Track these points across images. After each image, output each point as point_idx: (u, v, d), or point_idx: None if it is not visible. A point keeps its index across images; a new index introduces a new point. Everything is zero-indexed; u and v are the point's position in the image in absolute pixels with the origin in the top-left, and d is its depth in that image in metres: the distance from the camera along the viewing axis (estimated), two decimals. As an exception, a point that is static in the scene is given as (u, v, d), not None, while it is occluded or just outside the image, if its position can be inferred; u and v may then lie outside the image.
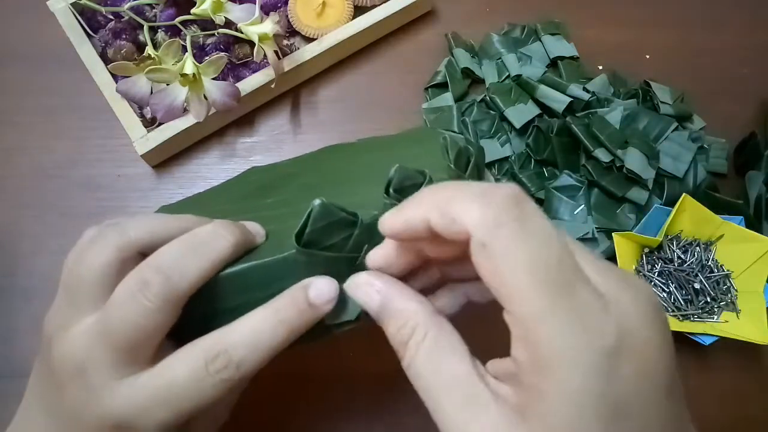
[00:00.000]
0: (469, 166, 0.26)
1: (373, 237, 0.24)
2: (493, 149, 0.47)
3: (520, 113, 0.47)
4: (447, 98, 0.48)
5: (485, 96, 0.48)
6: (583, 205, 0.44)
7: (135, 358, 0.23)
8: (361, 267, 0.24)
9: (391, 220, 0.21)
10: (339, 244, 0.24)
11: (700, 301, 0.41)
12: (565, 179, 0.45)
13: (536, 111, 0.47)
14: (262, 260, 0.25)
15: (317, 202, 0.23)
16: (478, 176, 0.28)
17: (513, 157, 0.47)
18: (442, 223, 0.18)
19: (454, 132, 0.46)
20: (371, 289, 0.22)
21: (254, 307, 0.24)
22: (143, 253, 0.24)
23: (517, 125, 0.46)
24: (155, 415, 0.22)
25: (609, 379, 0.16)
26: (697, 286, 0.41)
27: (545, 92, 0.46)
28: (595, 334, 0.16)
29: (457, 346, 0.20)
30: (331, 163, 0.38)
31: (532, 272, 0.17)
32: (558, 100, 0.46)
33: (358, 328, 0.25)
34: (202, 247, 0.24)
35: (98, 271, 0.23)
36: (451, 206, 0.18)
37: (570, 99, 0.46)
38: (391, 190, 0.24)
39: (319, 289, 0.24)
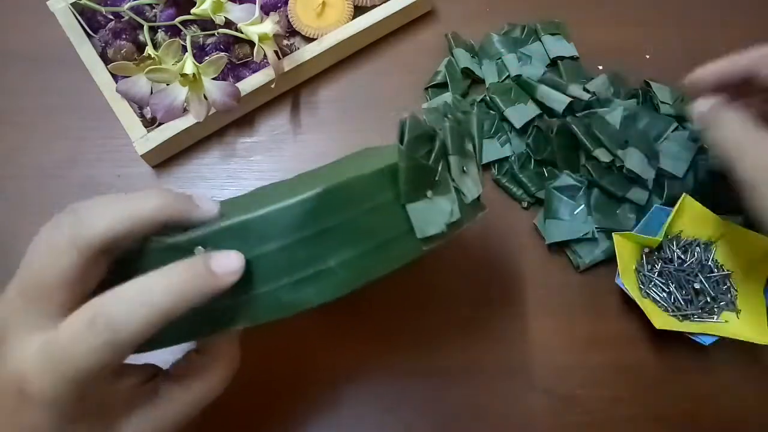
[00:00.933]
0: (434, 151, 0.27)
1: (388, 185, 0.25)
2: (493, 149, 0.47)
3: (520, 113, 0.47)
4: (447, 98, 0.48)
5: (485, 96, 0.48)
6: (583, 205, 0.44)
7: (45, 307, 0.22)
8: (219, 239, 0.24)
9: (703, 72, 0.28)
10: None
11: (700, 301, 0.41)
12: (565, 179, 0.45)
13: (536, 111, 0.47)
14: (207, 229, 0.24)
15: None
16: (446, 162, 0.28)
17: (513, 157, 0.47)
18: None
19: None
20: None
21: None
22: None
23: (517, 125, 0.46)
24: (45, 376, 0.21)
25: None
26: (697, 286, 0.41)
27: (545, 92, 0.46)
28: None
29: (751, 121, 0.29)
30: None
31: None
32: (558, 100, 0.46)
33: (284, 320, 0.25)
34: (125, 201, 0.24)
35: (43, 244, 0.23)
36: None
37: (570, 99, 0.46)
38: (406, 138, 0.25)
39: (223, 260, 0.23)
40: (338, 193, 0.24)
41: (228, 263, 0.23)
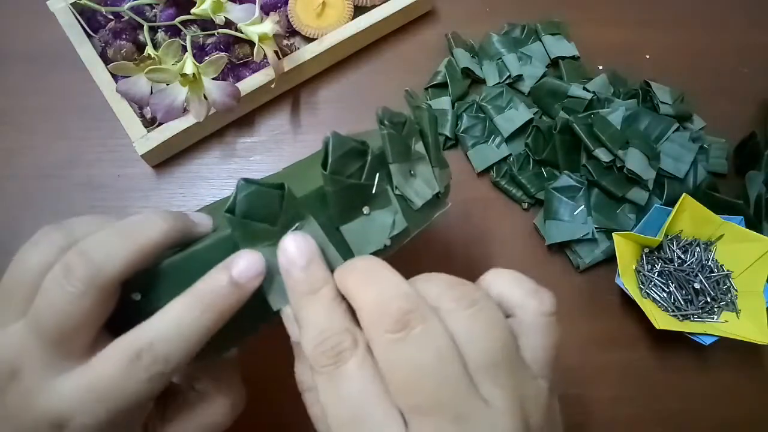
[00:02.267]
0: (365, 167, 0.25)
1: (309, 210, 0.24)
2: (490, 153, 0.47)
3: (509, 121, 0.47)
4: (444, 102, 0.48)
5: (474, 103, 0.48)
6: (583, 206, 0.44)
7: (68, 350, 0.22)
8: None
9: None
10: (271, 217, 0.23)
11: (700, 301, 0.41)
12: (565, 180, 0.45)
13: (528, 116, 0.47)
14: (200, 244, 0.24)
15: (241, 182, 0.23)
16: (385, 172, 0.26)
17: (512, 159, 0.47)
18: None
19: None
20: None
21: None
22: None
23: (505, 134, 0.46)
24: (88, 412, 0.21)
25: None
26: (697, 286, 0.41)
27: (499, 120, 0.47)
28: None
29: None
30: None
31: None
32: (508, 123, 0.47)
33: None
34: (130, 230, 0.23)
35: (35, 271, 0.22)
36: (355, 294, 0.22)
37: (525, 120, 0.46)
38: (329, 160, 0.24)
39: (242, 265, 0.23)
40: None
41: (248, 269, 0.23)
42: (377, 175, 0.25)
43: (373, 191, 0.25)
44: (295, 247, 0.23)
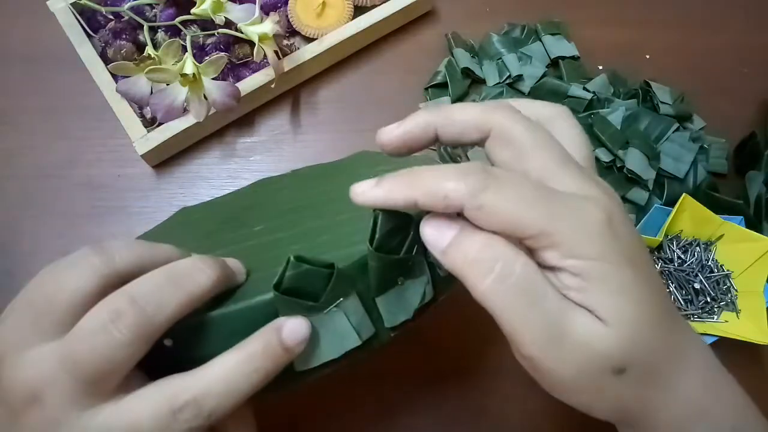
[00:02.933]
0: (407, 240, 0.25)
1: (351, 284, 0.24)
2: None
3: None
4: (444, 102, 0.48)
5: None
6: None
7: (99, 390, 0.21)
8: (335, 315, 0.24)
9: (372, 197, 0.23)
10: (315, 294, 0.24)
11: (700, 301, 0.41)
12: (565, 179, 0.44)
13: None
14: (244, 303, 0.24)
15: (292, 259, 0.23)
16: (422, 245, 0.26)
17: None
18: (432, 202, 0.21)
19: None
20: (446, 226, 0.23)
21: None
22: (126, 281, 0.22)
23: None
24: None
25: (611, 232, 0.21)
26: (697, 286, 0.41)
27: None
28: (588, 214, 0.21)
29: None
30: (289, 193, 0.38)
31: (522, 207, 0.21)
32: None
33: (326, 374, 0.25)
34: (181, 279, 0.22)
35: (74, 296, 0.22)
36: (438, 186, 0.21)
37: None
38: (377, 236, 0.23)
39: (292, 330, 0.23)
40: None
41: (297, 332, 0.23)
42: (416, 247, 0.25)
43: (410, 264, 0.25)
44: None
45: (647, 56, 0.52)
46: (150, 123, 0.45)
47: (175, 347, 0.23)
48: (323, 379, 0.25)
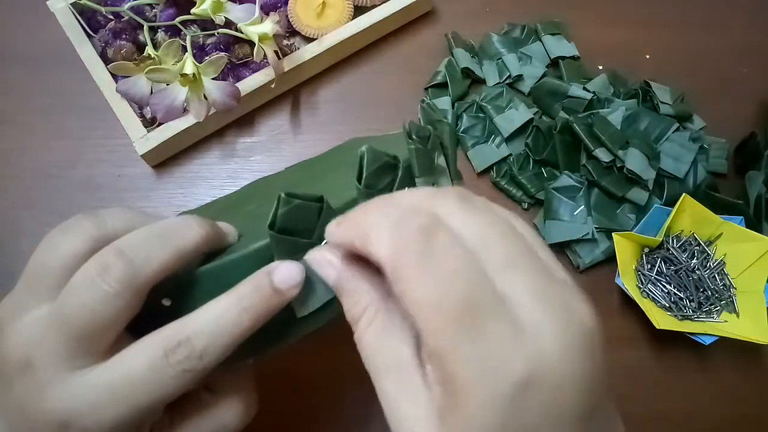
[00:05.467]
0: (396, 180, 0.26)
1: None
2: (490, 153, 0.47)
3: (509, 121, 0.47)
4: (444, 102, 0.48)
5: (474, 103, 0.48)
6: (582, 206, 0.44)
7: (89, 349, 0.21)
8: None
9: (330, 233, 0.22)
10: (308, 231, 0.24)
11: (700, 301, 0.41)
12: (565, 180, 0.45)
13: (528, 116, 0.47)
14: (238, 253, 0.24)
15: (282, 196, 0.23)
16: (411, 186, 0.27)
17: (512, 159, 0.47)
18: (363, 252, 0.20)
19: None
20: (328, 265, 0.22)
21: None
22: None
23: (505, 134, 0.46)
24: (108, 411, 0.21)
25: (514, 410, 0.17)
26: (697, 286, 0.41)
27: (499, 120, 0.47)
28: (502, 367, 0.17)
29: (402, 332, 0.20)
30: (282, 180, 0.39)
31: (437, 310, 0.17)
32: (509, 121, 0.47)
33: (326, 329, 0.25)
34: (169, 234, 0.23)
35: (66, 259, 0.22)
36: (368, 236, 0.19)
37: (524, 121, 0.46)
38: (364, 174, 0.24)
39: (284, 273, 0.23)
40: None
41: (290, 276, 0.23)
42: (405, 188, 0.26)
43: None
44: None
45: (647, 56, 0.52)
46: (150, 123, 0.45)
47: (174, 307, 0.24)
48: (323, 375, 0.25)
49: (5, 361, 0.22)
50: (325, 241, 0.24)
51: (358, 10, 0.49)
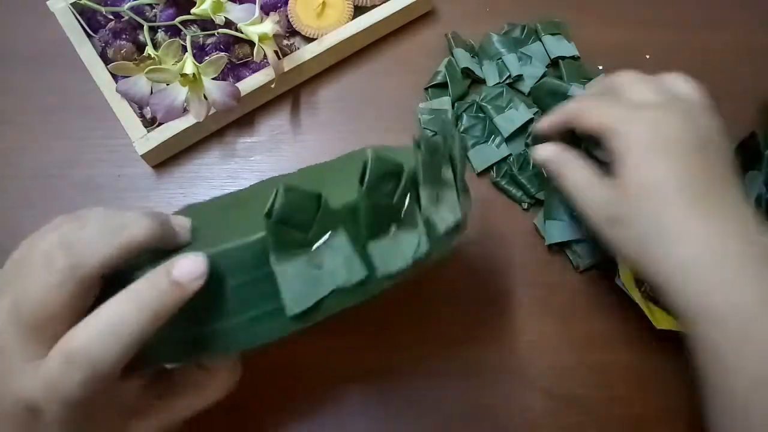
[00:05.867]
0: (399, 189, 0.26)
1: (341, 221, 0.24)
2: (490, 153, 0.47)
3: (510, 121, 0.47)
4: (444, 102, 0.48)
5: (474, 103, 0.48)
6: (583, 205, 0.44)
7: (42, 338, 0.22)
8: (323, 251, 0.24)
9: (543, 122, 0.39)
10: (305, 225, 0.24)
11: (700, 301, 0.41)
12: (565, 179, 0.44)
13: (528, 116, 0.47)
14: (231, 244, 0.24)
15: (281, 187, 0.23)
16: (415, 195, 0.27)
17: (512, 158, 0.47)
18: (576, 124, 0.36)
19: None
20: (542, 149, 0.38)
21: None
22: None
23: (505, 134, 0.46)
24: (52, 406, 0.22)
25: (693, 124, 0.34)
26: (697, 286, 0.41)
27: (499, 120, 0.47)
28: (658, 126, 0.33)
29: (587, 168, 0.36)
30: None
31: (611, 119, 0.34)
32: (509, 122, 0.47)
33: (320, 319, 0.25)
34: (115, 228, 0.24)
35: (38, 255, 0.23)
36: (580, 115, 0.35)
37: (523, 122, 0.46)
38: (366, 177, 0.24)
39: (185, 266, 0.23)
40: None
41: (190, 269, 0.23)
42: (408, 196, 0.26)
43: (402, 214, 0.26)
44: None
45: (647, 56, 0.52)
46: (150, 123, 0.45)
47: None
48: (323, 378, 0.25)
49: None
50: (324, 238, 0.24)
51: (358, 10, 0.49)
